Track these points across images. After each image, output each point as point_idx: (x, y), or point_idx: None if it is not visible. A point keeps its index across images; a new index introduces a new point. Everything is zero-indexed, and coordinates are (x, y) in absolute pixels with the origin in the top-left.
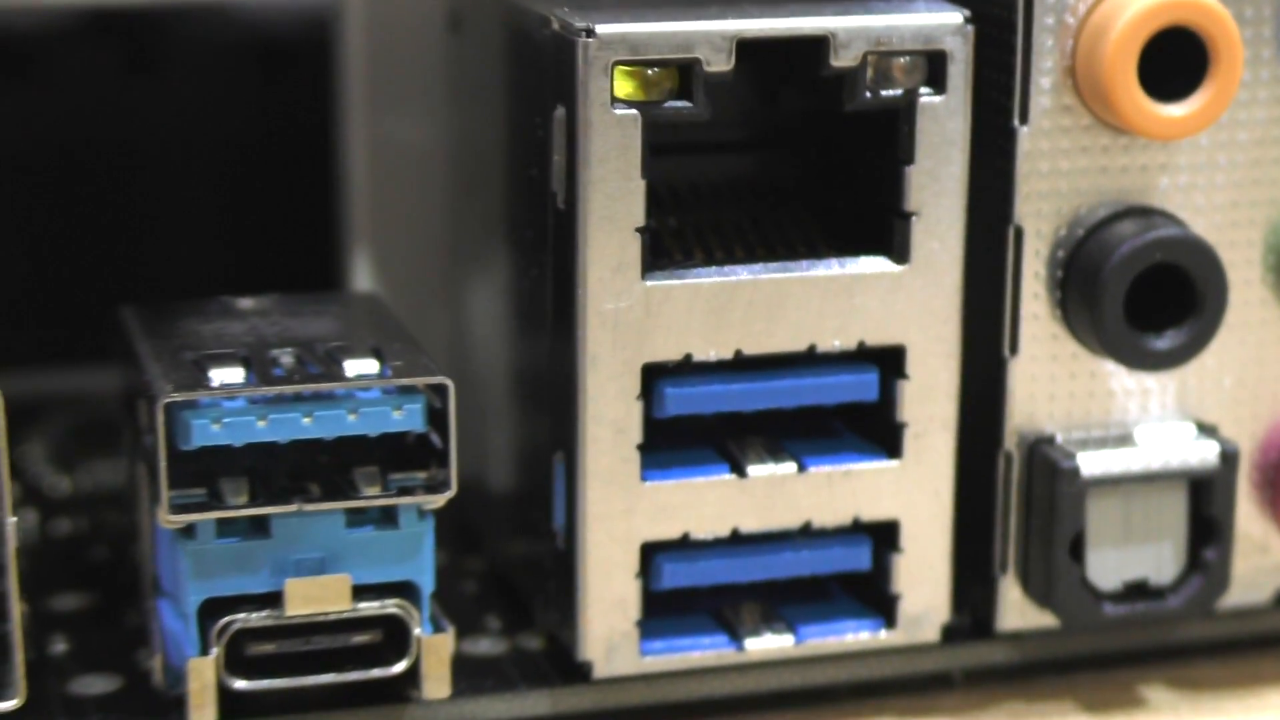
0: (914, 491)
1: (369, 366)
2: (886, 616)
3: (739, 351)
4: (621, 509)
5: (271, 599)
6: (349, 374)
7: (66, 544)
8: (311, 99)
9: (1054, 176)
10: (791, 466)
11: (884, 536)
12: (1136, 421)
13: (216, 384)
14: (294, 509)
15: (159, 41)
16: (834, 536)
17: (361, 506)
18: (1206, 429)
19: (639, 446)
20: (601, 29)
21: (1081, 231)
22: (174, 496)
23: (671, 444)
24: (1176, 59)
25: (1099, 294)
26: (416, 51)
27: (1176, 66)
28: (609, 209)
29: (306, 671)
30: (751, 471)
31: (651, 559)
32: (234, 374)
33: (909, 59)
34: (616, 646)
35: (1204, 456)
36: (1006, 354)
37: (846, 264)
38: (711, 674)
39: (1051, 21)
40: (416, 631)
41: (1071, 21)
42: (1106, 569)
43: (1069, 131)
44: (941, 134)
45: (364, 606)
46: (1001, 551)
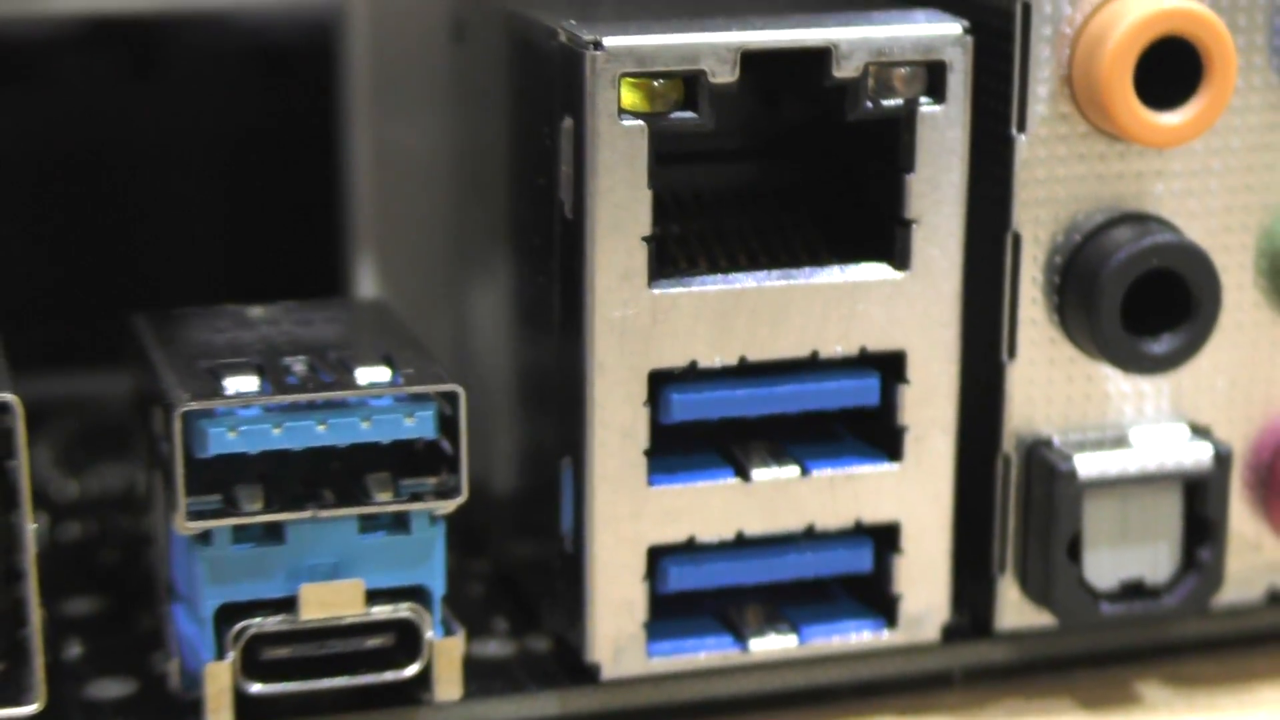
0: (914, 494)
1: (380, 374)
2: (888, 617)
3: (743, 358)
4: (628, 513)
5: (286, 604)
6: (361, 382)
7: (76, 548)
8: (316, 105)
9: (1051, 183)
10: (794, 470)
11: (885, 538)
12: (1132, 424)
13: (232, 392)
14: (308, 515)
15: (163, 48)
16: (836, 539)
17: (374, 513)
18: (1200, 430)
19: (646, 451)
20: (609, 42)
21: (1078, 237)
22: (190, 503)
23: (677, 448)
24: (1170, 65)
25: (1096, 299)
26: (420, 57)
27: (1170, 72)
28: (616, 218)
29: (320, 675)
30: (756, 476)
31: (658, 562)
32: (249, 382)
33: (909, 69)
34: (624, 648)
35: (1198, 458)
36: (1005, 358)
37: (848, 271)
38: (717, 674)
39: (1049, 32)
40: (428, 635)
41: (1068, 32)
42: (1103, 569)
43: (1066, 139)
44: (941, 143)
45: (377, 611)
46: (1000, 552)
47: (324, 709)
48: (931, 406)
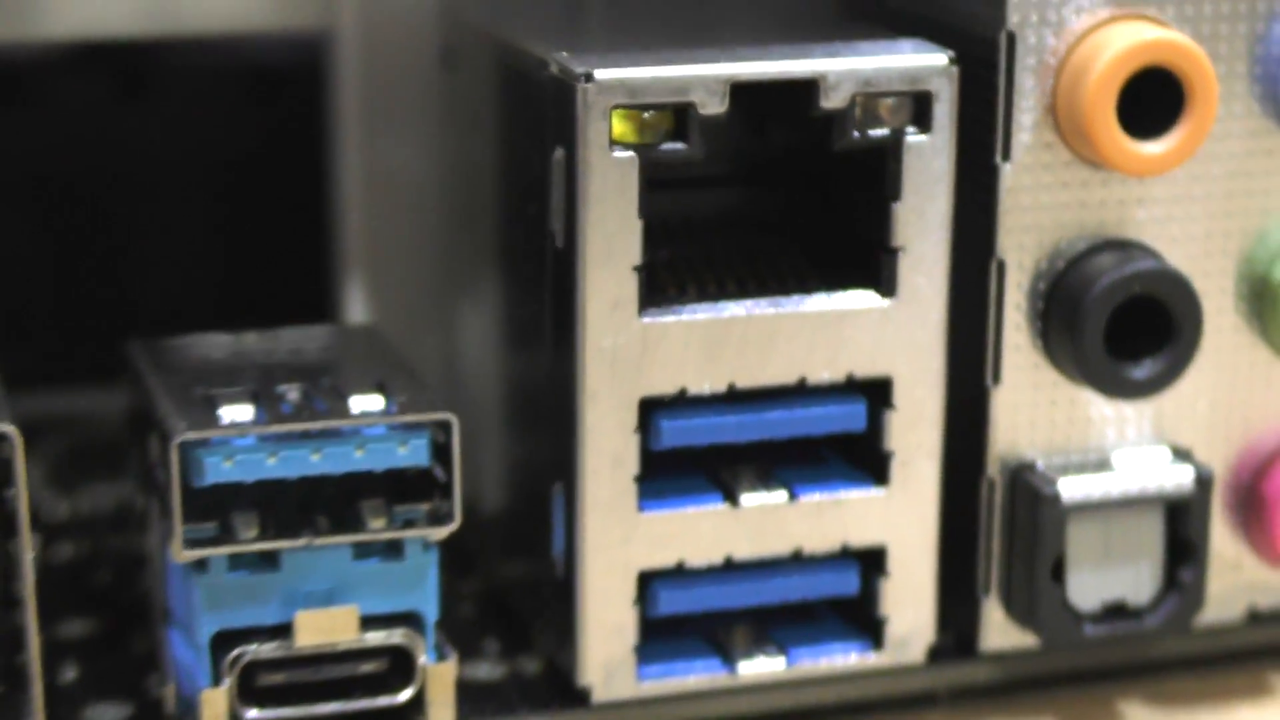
0: (900, 518)
1: (374, 402)
2: (874, 638)
3: (732, 385)
4: (619, 538)
5: (281, 630)
6: (355, 410)
7: (69, 569)
8: (306, 129)
9: (1035, 211)
10: (783, 495)
11: (872, 562)
12: (1114, 447)
13: (228, 422)
14: (303, 543)
15: (154, 72)
16: (823, 562)
17: (368, 540)
18: (1181, 453)
19: (636, 478)
20: (600, 74)
21: (1062, 264)
22: (186, 531)
23: (667, 473)
24: (1152, 94)
25: (1079, 325)
26: (410, 83)
27: (1152, 99)
28: (607, 248)
29: (315, 700)
30: (744, 501)
31: (648, 586)
32: (244, 411)
33: (896, 99)
34: (614, 671)
35: (1180, 481)
36: (989, 383)
37: (835, 299)
38: (706, 697)
39: (1033, 62)
40: (422, 660)
41: (1052, 62)
42: (1086, 590)
43: (1050, 168)
44: (927, 172)
45: (371, 637)
46: (985, 574)
47: None
48: (917, 431)
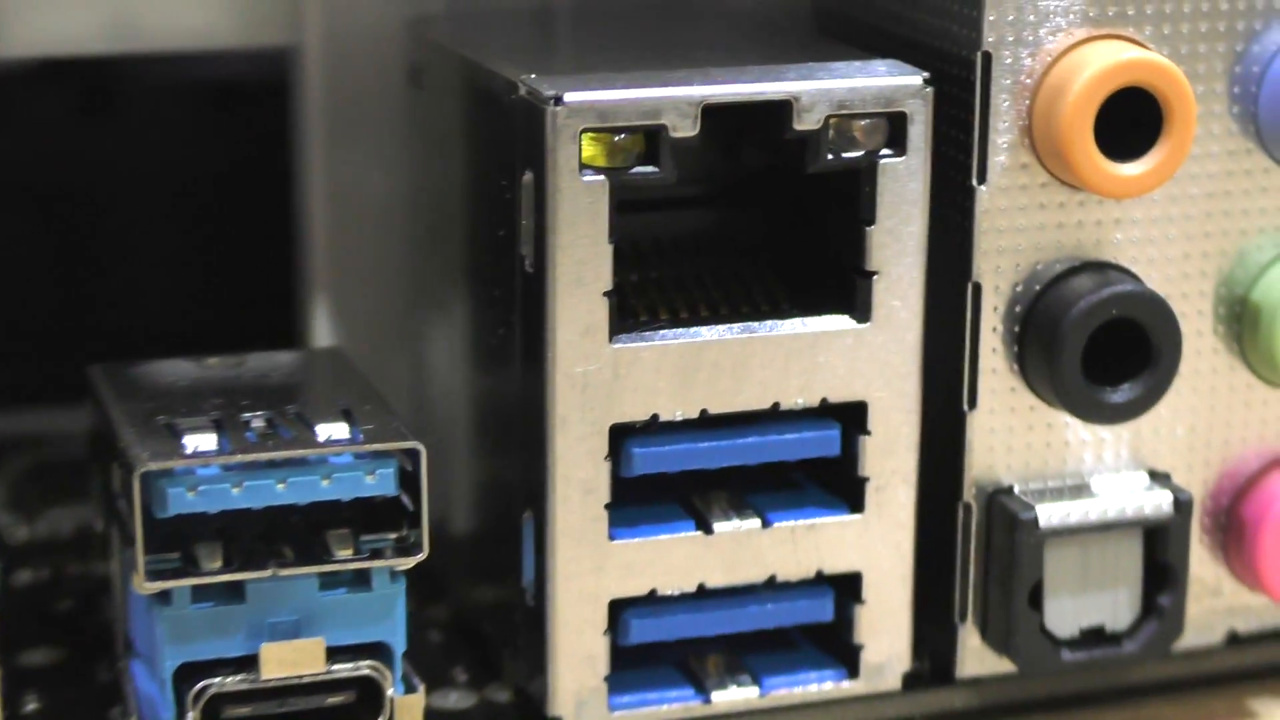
0: (875, 544)
1: (340, 430)
2: (849, 666)
3: (704, 411)
4: (590, 567)
5: (247, 662)
6: (320, 438)
7: (29, 594)
8: (270, 148)
9: (1011, 233)
10: (756, 522)
11: (846, 588)
12: (1092, 472)
13: (191, 451)
14: (269, 574)
15: (117, 89)
16: (798, 589)
17: (335, 570)
18: (1159, 477)
19: (607, 505)
20: (570, 97)
21: (1038, 287)
22: (149, 562)
23: (639, 500)
24: (1129, 113)
25: (1057, 349)
26: (376, 101)
27: (1129, 119)
28: (577, 273)
29: None
30: (717, 528)
31: (619, 615)
32: (207, 440)
33: (870, 121)
34: (586, 701)
35: (1158, 505)
36: (966, 408)
37: (809, 323)
38: None
39: (1009, 83)
40: (390, 692)
41: (1028, 83)
42: (1064, 616)
43: (1026, 189)
44: (902, 194)
45: (338, 668)
46: (961, 600)
47: None
48: (893, 457)
